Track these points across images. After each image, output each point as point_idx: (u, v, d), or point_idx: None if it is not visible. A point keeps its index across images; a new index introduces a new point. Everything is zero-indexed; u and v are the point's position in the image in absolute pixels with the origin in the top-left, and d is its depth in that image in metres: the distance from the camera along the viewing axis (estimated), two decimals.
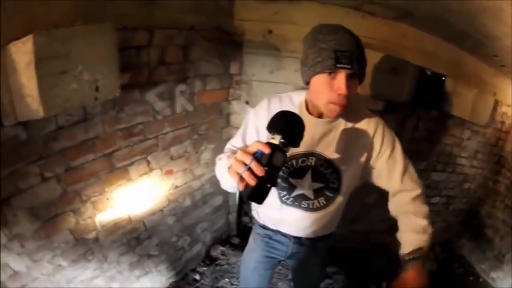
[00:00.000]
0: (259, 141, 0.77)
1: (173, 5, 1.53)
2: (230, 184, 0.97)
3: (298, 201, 1.16)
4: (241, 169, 0.75)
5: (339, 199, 1.17)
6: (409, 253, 1.02)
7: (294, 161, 1.10)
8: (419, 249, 1.01)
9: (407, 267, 1.00)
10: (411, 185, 1.11)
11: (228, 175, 0.84)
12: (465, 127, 2.70)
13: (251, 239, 1.46)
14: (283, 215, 1.22)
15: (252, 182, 0.73)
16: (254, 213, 1.37)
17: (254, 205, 1.34)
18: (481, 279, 3.07)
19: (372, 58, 1.94)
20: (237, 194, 2.45)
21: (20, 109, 1.08)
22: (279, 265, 2.11)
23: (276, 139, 0.77)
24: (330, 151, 1.08)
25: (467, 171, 3.03)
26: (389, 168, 1.11)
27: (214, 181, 2.02)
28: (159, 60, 1.56)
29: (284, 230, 1.28)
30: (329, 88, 0.92)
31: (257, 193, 0.76)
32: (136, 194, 1.70)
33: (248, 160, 0.74)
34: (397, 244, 1.11)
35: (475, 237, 3.30)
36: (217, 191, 2.34)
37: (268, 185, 0.76)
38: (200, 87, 1.86)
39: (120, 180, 1.59)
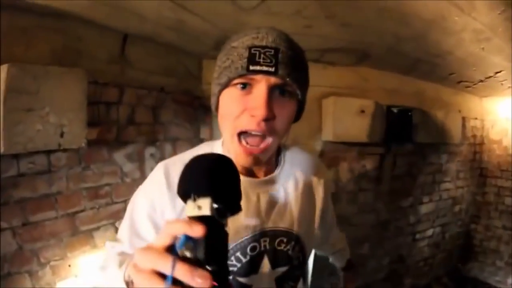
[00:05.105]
0: (176, 220, 0.40)
1: (145, 66, 1.76)
2: None
3: None
4: (160, 285, 0.37)
5: (301, 273, 0.87)
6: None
7: (239, 254, 0.73)
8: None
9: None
10: (341, 244, 1.16)
11: None
12: (441, 152, 2.99)
13: None
14: None
15: None
16: None
17: None
18: None
19: (341, 103, 2.21)
20: None
21: None
22: None
23: (205, 206, 0.41)
24: (285, 219, 0.78)
25: (454, 194, 3.24)
26: (328, 230, 0.99)
27: None
28: (129, 119, 1.69)
29: None
30: (241, 107, 0.63)
31: None
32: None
33: (166, 265, 0.37)
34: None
35: (480, 254, 3.45)
36: None
37: None
38: (171, 151, 1.94)
39: (84, 245, 1.51)
